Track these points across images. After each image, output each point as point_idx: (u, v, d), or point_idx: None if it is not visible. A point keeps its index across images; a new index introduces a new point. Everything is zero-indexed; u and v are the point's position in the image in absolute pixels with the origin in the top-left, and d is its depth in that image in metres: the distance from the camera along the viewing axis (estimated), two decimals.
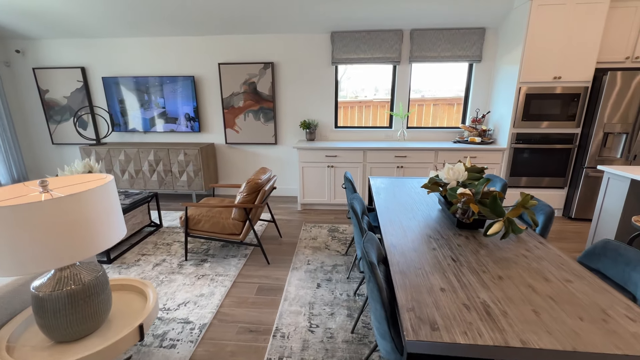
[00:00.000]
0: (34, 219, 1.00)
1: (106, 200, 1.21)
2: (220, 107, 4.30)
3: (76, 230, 1.09)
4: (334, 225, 3.47)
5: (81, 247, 1.11)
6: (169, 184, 4.16)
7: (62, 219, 1.05)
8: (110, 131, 4.48)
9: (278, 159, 4.42)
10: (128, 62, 4.25)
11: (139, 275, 2.53)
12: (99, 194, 1.17)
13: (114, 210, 1.25)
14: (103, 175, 1.37)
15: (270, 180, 2.80)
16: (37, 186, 1.25)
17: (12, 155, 4.33)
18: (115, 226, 1.26)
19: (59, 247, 1.05)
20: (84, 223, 1.11)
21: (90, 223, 1.13)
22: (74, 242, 1.09)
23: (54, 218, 1.03)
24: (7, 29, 4.06)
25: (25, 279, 1.50)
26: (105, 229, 1.20)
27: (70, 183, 1.33)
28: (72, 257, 1.09)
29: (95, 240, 1.15)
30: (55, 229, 1.04)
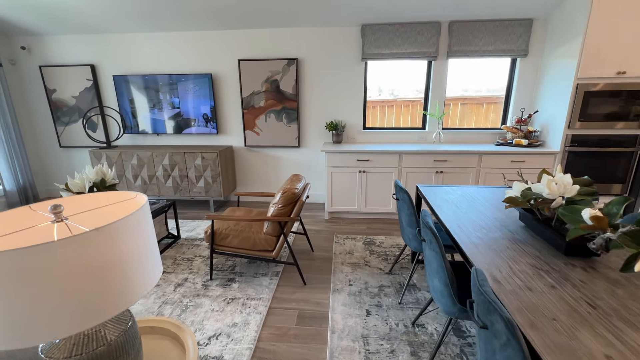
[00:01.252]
0: (44, 267, 0.68)
1: (142, 231, 0.89)
2: (239, 107, 3.99)
3: (104, 279, 0.77)
4: (369, 237, 3.14)
5: (110, 302, 0.79)
6: (185, 191, 3.86)
7: (84, 265, 0.74)
8: (122, 133, 4.19)
9: (302, 163, 4.10)
10: (141, 59, 3.95)
11: (159, 298, 2.22)
12: (133, 223, 0.85)
13: (150, 243, 0.94)
14: (130, 194, 1.05)
15: (306, 189, 2.49)
16: (47, 212, 0.94)
17: (18, 160, 4.05)
18: (152, 265, 0.94)
19: (78, 305, 0.74)
20: (115, 267, 0.80)
21: (123, 266, 0.82)
22: (101, 295, 0.77)
23: (73, 264, 0.72)
24: (12, 24, 3.78)
25: None
26: (140, 271, 0.88)
27: (87, 205, 1.02)
28: (97, 317, 0.77)
29: (129, 288, 0.84)
30: (74, 280, 0.72)
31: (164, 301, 2.19)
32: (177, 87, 3.89)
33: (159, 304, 2.16)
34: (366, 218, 3.64)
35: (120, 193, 1.07)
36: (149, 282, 0.95)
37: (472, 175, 3.36)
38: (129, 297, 0.84)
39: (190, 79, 3.85)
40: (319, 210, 3.93)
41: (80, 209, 0.99)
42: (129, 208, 1.00)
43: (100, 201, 1.03)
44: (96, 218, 0.97)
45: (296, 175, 2.55)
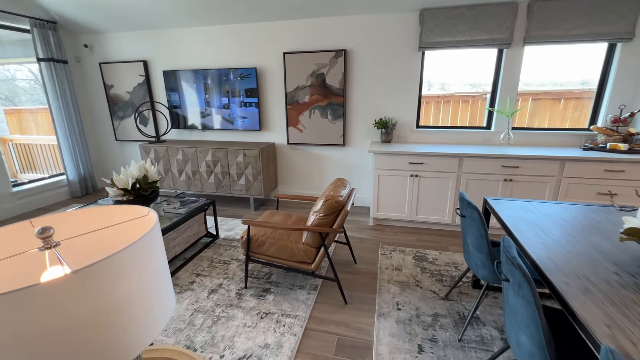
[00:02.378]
0: (25, 316, 0.50)
1: (146, 265, 0.69)
2: (283, 103, 3.81)
3: (103, 327, 0.58)
4: (419, 251, 2.77)
5: (109, 356, 0.60)
6: (226, 187, 3.80)
7: (78, 311, 0.54)
8: (169, 128, 4.26)
9: (346, 163, 3.82)
10: (188, 54, 3.95)
11: (192, 304, 2.11)
12: (139, 253, 0.65)
13: (160, 275, 0.74)
14: (141, 210, 0.86)
15: (351, 196, 2.20)
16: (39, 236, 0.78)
17: (79, 152, 4.32)
18: (162, 301, 0.74)
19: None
20: (117, 311, 0.60)
21: (127, 308, 0.62)
22: (98, 349, 0.58)
23: (63, 310, 0.53)
24: (78, 23, 3.99)
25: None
26: (148, 311, 0.68)
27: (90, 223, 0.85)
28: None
29: (134, 334, 0.64)
30: (64, 334, 0.53)
31: (196, 308, 2.07)
32: (223, 81, 3.82)
33: (192, 312, 2.04)
34: (417, 228, 3.26)
35: (133, 209, 0.88)
36: (158, 322, 0.75)
37: (550, 185, 2.81)
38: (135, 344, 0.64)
39: (235, 73, 3.75)
40: (364, 215, 3.62)
41: (80, 229, 0.82)
42: (136, 230, 0.80)
43: (107, 218, 0.85)
44: (95, 243, 0.79)
45: (340, 179, 2.28)
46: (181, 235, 2.64)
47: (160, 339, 1.82)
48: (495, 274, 1.62)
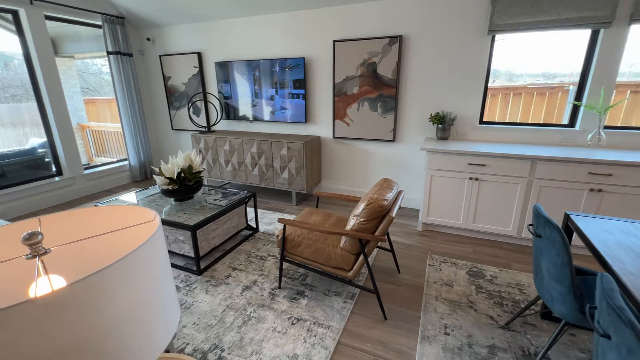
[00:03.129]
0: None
1: (150, 274, 0.57)
2: (330, 94, 3.63)
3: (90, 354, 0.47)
4: (475, 266, 2.43)
5: None
6: (269, 180, 3.76)
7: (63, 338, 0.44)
8: (219, 119, 4.34)
9: (395, 160, 3.53)
10: (239, 45, 3.95)
11: (225, 300, 2.07)
12: (136, 266, 0.54)
13: (163, 288, 0.62)
14: (147, 214, 0.76)
15: (398, 200, 1.96)
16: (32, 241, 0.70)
17: (140, 139, 4.63)
18: (163, 321, 0.63)
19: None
20: (107, 334, 0.49)
21: (119, 331, 0.51)
22: None
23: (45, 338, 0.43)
24: (142, 18, 4.22)
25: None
26: (146, 334, 0.57)
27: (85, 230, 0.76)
28: None
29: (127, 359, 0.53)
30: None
31: (229, 305, 2.03)
32: (271, 72, 3.75)
33: (224, 308, 2.00)
34: (473, 238, 2.88)
35: (140, 212, 0.78)
36: (155, 347, 0.64)
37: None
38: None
39: (283, 63, 3.66)
40: (411, 218, 3.32)
41: (77, 233, 0.73)
42: (139, 236, 0.69)
43: (106, 223, 0.76)
44: (91, 251, 0.70)
45: (387, 180, 2.04)
46: (221, 227, 2.64)
47: (191, 334, 1.80)
48: (579, 315, 1.28)
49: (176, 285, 2.23)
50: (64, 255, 0.70)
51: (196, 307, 2.02)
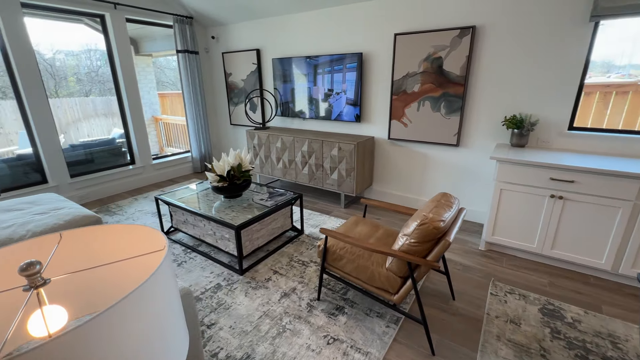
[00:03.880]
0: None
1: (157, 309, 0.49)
2: (387, 93, 3.37)
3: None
4: (551, 302, 2.02)
5: None
6: (318, 180, 3.66)
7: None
8: (273, 115, 4.37)
9: (458, 166, 3.15)
10: (295, 41, 3.88)
11: (263, 306, 2.03)
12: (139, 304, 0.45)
13: (168, 324, 0.53)
14: (159, 243, 0.67)
15: (457, 220, 1.69)
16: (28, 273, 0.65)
17: (202, 132, 4.89)
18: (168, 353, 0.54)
19: None
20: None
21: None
22: None
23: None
24: (208, 17, 4.40)
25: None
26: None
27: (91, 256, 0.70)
28: None
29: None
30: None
31: (266, 312, 1.98)
32: (325, 68, 3.62)
33: (261, 314, 1.96)
34: (550, 266, 2.42)
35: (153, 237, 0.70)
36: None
37: None
38: None
39: (338, 59, 3.49)
40: (473, 233, 2.94)
41: (84, 258, 0.68)
42: (146, 265, 0.61)
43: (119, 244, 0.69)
44: (92, 280, 0.63)
45: (446, 196, 1.77)
46: (265, 228, 2.61)
47: (226, 338, 1.78)
48: None
49: (218, 283, 2.26)
50: (68, 281, 0.66)
51: (234, 309, 2.00)
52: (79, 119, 7.04)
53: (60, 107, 6.94)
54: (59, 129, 6.84)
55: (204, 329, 1.85)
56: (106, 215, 3.44)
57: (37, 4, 3.23)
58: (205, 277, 2.33)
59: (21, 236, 2.11)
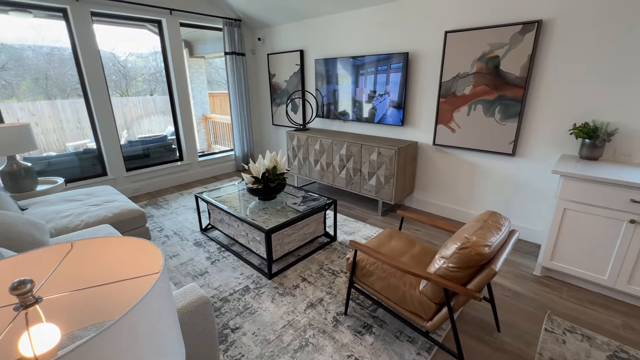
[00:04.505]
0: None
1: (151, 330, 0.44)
2: (434, 95, 3.13)
3: None
4: (624, 348, 1.69)
5: None
6: (356, 185, 3.54)
7: None
8: (313, 117, 4.32)
9: (512, 178, 2.82)
10: (337, 41, 3.79)
11: (288, 314, 1.97)
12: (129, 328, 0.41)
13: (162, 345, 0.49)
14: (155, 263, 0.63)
15: (507, 245, 1.47)
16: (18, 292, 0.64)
17: (246, 133, 5.03)
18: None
19: None
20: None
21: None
22: None
23: None
24: (256, 19, 4.49)
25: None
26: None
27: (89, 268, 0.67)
28: None
29: None
30: None
31: (290, 321, 1.92)
32: (368, 69, 3.47)
33: (285, 323, 1.90)
34: (625, 304, 2.04)
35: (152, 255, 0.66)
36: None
37: None
38: None
39: (382, 59, 3.32)
40: (527, 255, 2.60)
41: (84, 273, 0.65)
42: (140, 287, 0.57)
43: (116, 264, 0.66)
44: (88, 298, 0.60)
45: (494, 215, 1.55)
46: (297, 232, 2.57)
47: (248, 344, 1.76)
48: None
49: (247, 285, 2.26)
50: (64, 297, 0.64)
51: (259, 314, 1.98)
52: (142, 116, 7.71)
53: (126, 105, 7.65)
54: (125, 124, 7.57)
55: (228, 332, 1.84)
56: (153, 209, 3.67)
57: (104, 12, 3.53)
58: (235, 278, 2.35)
59: (75, 226, 2.30)
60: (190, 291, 1.24)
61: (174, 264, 2.55)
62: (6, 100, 6.55)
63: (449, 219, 3.30)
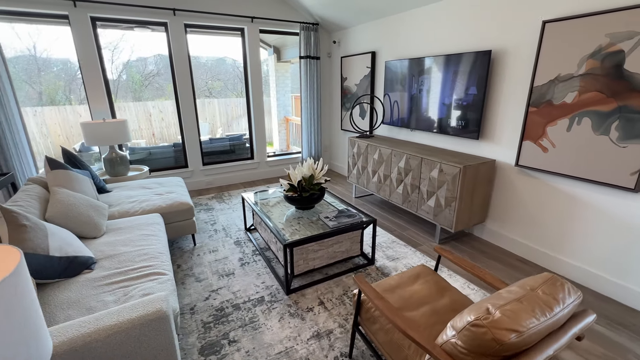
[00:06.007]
0: None
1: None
2: (522, 103, 2.47)
3: None
4: None
5: None
6: (412, 203, 3.09)
7: None
8: (378, 123, 3.99)
9: (632, 224, 1.99)
10: (411, 41, 3.38)
11: (289, 340, 1.80)
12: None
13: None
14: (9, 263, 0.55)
15: (567, 332, 0.97)
16: None
17: (314, 136, 5.02)
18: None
19: None
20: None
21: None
22: None
23: None
24: (332, 22, 4.41)
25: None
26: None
27: None
28: None
29: None
30: None
31: (288, 348, 1.74)
32: (441, 71, 2.98)
33: (282, 349, 1.74)
34: None
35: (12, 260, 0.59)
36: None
37: None
38: None
39: (459, 59, 2.80)
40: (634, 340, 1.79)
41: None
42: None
43: None
44: None
45: (553, 282, 1.05)
46: (325, 249, 2.36)
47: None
48: None
49: (262, 296, 2.17)
50: None
51: (261, 332, 1.86)
52: (240, 116, 8.63)
53: (229, 105, 8.66)
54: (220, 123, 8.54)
55: (224, 344, 1.78)
56: (216, 202, 3.96)
57: (196, 24, 3.98)
58: (255, 286, 2.29)
59: (134, 211, 2.61)
60: (150, 303, 1.19)
61: (209, 259, 2.66)
62: (158, 99, 8.33)
63: (529, 262, 2.57)
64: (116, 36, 9.04)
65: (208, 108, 9.04)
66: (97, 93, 3.61)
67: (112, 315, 1.14)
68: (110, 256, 1.88)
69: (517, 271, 2.45)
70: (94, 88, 3.58)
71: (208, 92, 11.60)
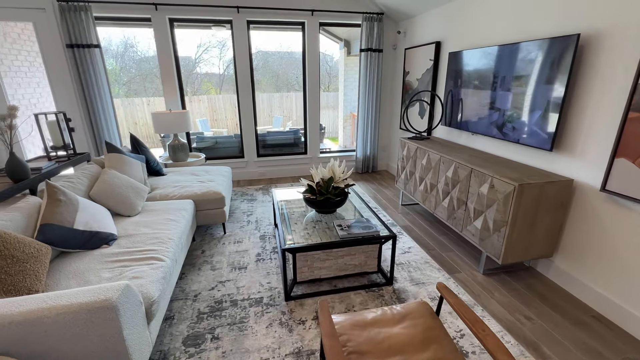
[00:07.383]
0: None
1: None
2: (618, 106, 1.80)
3: None
4: None
5: None
6: (458, 221, 2.62)
7: None
8: (436, 124, 3.50)
9: None
10: (481, 27, 2.81)
11: (266, 350, 1.70)
12: None
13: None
14: None
15: None
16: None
17: (370, 134, 4.72)
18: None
19: None
20: None
21: None
22: None
23: None
24: (399, 10, 4.03)
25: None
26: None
27: None
28: None
29: None
30: None
31: (264, 359, 1.65)
32: (512, 64, 2.39)
33: (259, 359, 1.65)
34: None
35: None
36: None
37: None
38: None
39: (533, 50, 2.19)
40: None
41: None
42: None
43: None
44: None
45: None
46: (334, 260, 2.17)
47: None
48: None
49: (262, 297, 2.12)
50: None
51: (245, 336, 1.81)
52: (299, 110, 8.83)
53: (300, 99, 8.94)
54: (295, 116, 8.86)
55: (207, 338, 1.79)
56: (261, 194, 4.08)
57: (258, 20, 4.11)
58: (260, 285, 2.25)
59: (173, 195, 2.85)
60: (101, 291, 1.24)
61: (231, 249, 2.74)
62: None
63: (606, 321, 1.89)
64: (225, 34, 10.29)
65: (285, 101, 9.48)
66: (170, 86, 4.06)
67: (69, 295, 1.22)
68: (130, 235, 2.07)
69: (585, 331, 1.83)
70: (168, 81, 4.04)
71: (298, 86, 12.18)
